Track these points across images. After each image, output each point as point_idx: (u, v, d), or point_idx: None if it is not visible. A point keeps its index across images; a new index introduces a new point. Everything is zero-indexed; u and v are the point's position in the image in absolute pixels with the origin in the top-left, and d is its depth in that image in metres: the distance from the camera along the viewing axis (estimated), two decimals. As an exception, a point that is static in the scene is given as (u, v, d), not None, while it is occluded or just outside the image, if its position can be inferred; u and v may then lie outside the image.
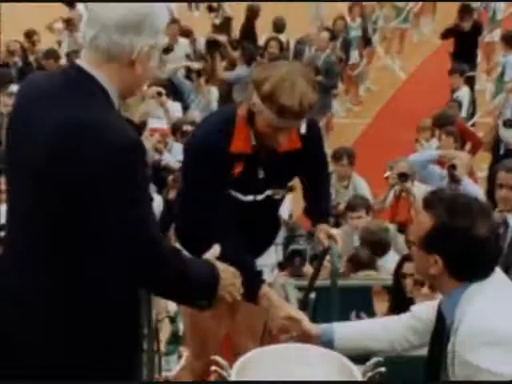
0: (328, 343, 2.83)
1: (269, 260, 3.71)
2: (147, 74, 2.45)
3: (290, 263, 5.53)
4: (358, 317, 4.62)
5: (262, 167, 3.33)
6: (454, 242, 2.49)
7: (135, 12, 2.32)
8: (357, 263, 5.47)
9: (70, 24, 11.92)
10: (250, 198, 3.37)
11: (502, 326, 2.41)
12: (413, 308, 2.96)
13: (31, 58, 11.33)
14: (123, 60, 2.35)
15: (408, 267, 4.72)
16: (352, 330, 2.92)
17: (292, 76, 3.03)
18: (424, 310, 2.84)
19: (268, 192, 3.41)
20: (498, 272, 2.58)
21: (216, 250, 2.70)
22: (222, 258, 2.69)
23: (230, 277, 2.61)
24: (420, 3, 15.80)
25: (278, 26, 12.23)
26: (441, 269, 2.53)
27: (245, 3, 13.26)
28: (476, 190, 7.46)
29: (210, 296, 2.55)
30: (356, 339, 2.88)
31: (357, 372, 2.52)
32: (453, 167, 7.30)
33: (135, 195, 2.28)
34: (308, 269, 5.46)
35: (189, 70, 10.81)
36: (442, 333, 2.61)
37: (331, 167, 7.01)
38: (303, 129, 3.36)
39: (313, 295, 3.86)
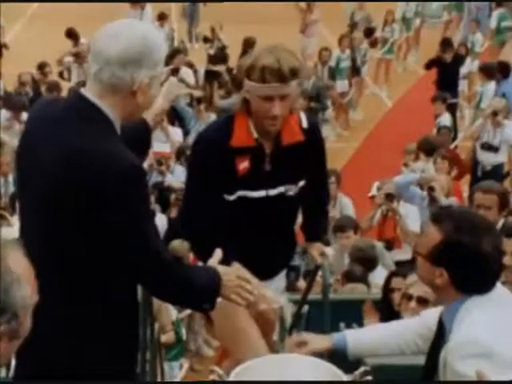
0: (342, 351, 2.84)
1: (281, 283, 3.48)
2: (148, 101, 2.46)
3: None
4: (349, 327, 4.59)
5: (268, 160, 3.12)
6: (460, 257, 2.48)
7: (136, 47, 2.34)
8: (351, 278, 5.51)
9: (78, 57, 12.03)
10: (261, 193, 3.13)
11: (490, 339, 2.39)
12: (423, 314, 2.93)
13: (42, 89, 11.37)
14: (125, 91, 2.36)
15: (396, 282, 4.71)
16: (364, 338, 2.92)
17: (272, 47, 3.00)
18: (433, 319, 2.82)
19: (280, 188, 3.16)
20: (499, 287, 2.57)
21: (218, 254, 2.68)
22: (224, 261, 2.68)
23: (233, 279, 2.58)
24: (404, 35, 15.95)
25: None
26: (445, 281, 2.51)
27: (240, 33, 13.38)
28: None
29: (212, 299, 2.54)
30: (367, 346, 2.88)
31: (347, 381, 2.52)
32: (431, 189, 7.40)
33: (140, 214, 2.33)
34: (301, 283, 5.45)
35: (191, 98, 10.89)
36: (440, 341, 2.61)
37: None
38: (304, 123, 3.17)
39: (306, 308, 3.86)
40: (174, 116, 10.19)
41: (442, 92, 10.86)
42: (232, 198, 3.10)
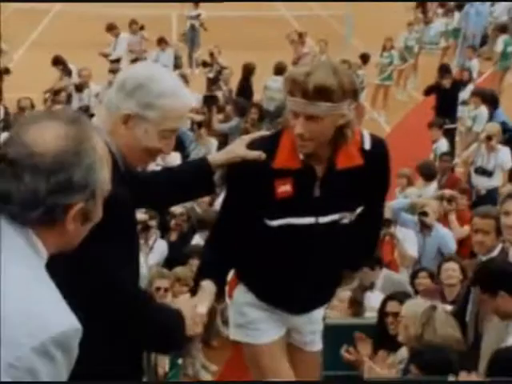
0: None
1: (318, 315, 3.22)
2: (131, 141, 2.40)
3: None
4: (348, 351, 4.57)
5: (319, 184, 2.80)
6: None
7: (135, 78, 2.37)
8: (356, 304, 5.54)
9: (79, 87, 12.19)
10: (310, 220, 2.81)
11: None
12: None
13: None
14: (113, 118, 2.38)
15: (391, 306, 4.70)
16: None
17: (324, 61, 2.74)
18: None
19: (334, 216, 2.84)
20: None
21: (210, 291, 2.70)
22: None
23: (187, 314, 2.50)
24: (407, 63, 16.02)
25: (280, 70, 12.38)
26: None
27: (238, 57, 13.45)
28: (447, 234, 7.52)
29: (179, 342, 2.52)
30: None
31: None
32: (424, 214, 7.39)
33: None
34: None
35: (192, 122, 10.95)
36: None
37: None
38: (367, 144, 2.83)
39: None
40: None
41: (439, 118, 10.90)
42: (275, 223, 2.82)
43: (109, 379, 2.36)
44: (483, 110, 10.94)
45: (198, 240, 7.61)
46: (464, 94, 12.30)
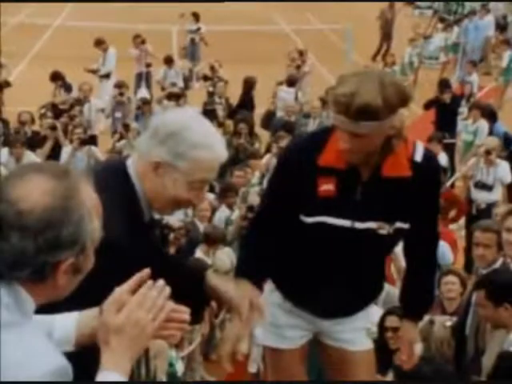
0: None
1: (359, 323, 3.06)
2: (160, 188, 2.36)
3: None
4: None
5: (361, 189, 2.70)
6: None
7: (169, 126, 2.35)
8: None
9: (79, 101, 12.21)
10: (346, 222, 2.71)
11: None
12: None
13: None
14: (144, 162, 2.36)
15: (390, 321, 4.68)
16: None
17: (361, 76, 2.56)
18: None
19: (371, 223, 2.71)
20: None
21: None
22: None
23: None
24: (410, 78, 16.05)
25: (292, 82, 12.79)
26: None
27: (237, 71, 13.45)
28: (443, 245, 7.44)
29: None
30: None
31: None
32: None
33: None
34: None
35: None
36: None
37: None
38: (418, 156, 2.70)
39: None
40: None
41: (439, 132, 10.90)
42: (310, 220, 2.73)
43: None
44: (483, 124, 10.95)
45: (199, 254, 7.60)
46: (465, 109, 12.33)
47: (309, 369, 3.28)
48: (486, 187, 9.31)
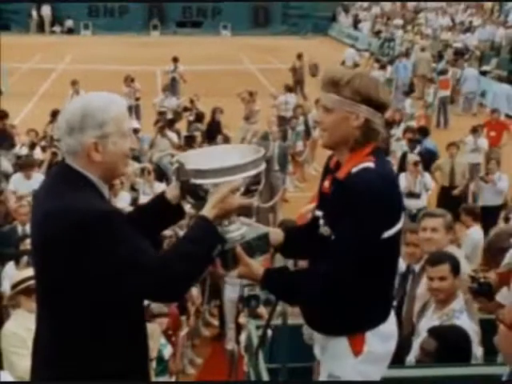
0: None
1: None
2: (110, 158, 2.27)
3: (247, 305, 5.33)
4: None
5: (332, 185, 2.48)
6: None
7: (74, 116, 2.23)
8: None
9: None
10: (318, 213, 2.53)
11: None
12: None
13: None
14: (82, 155, 2.25)
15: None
16: None
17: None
18: None
19: (322, 221, 2.48)
20: None
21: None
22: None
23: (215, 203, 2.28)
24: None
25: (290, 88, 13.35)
26: None
27: (212, 103, 13.44)
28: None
29: (216, 242, 2.29)
30: None
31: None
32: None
33: (113, 250, 2.13)
34: (262, 310, 5.30)
35: (172, 156, 10.89)
36: None
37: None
38: (355, 169, 2.34)
39: (269, 332, 3.75)
40: (159, 172, 10.17)
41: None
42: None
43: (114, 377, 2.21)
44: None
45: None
46: (397, 131, 12.40)
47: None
48: (414, 195, 9.43)
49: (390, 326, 2.49)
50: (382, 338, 2.44)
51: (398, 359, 2.90)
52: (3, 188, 9.05)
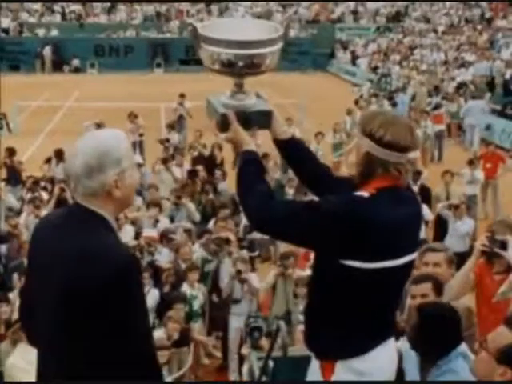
0: None
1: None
2: (128, 192, 2.28)
3: (250, 335, 5.30)
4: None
5: None
6: None
7: (91, 156, 2.20)
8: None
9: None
10: None
11: None
12: None
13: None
14: (101, 194, 2.23)
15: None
16: None
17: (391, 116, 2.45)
18: None
19: None
20: None
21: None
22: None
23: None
24: (351, 144, 16.21)
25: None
26: (508, 378, 2.24)
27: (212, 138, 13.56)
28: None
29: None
30: None
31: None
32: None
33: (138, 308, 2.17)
34: (263, 341, 5.27)
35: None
36: None
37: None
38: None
39: (271, 364, 3.72)
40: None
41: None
42: None
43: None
44: None
45: (185, 288, 7.50)
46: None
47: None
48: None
49: (367, 363, 2.38)
50: (355, 373, 2.37)
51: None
52: (17, 222, 9.11)
